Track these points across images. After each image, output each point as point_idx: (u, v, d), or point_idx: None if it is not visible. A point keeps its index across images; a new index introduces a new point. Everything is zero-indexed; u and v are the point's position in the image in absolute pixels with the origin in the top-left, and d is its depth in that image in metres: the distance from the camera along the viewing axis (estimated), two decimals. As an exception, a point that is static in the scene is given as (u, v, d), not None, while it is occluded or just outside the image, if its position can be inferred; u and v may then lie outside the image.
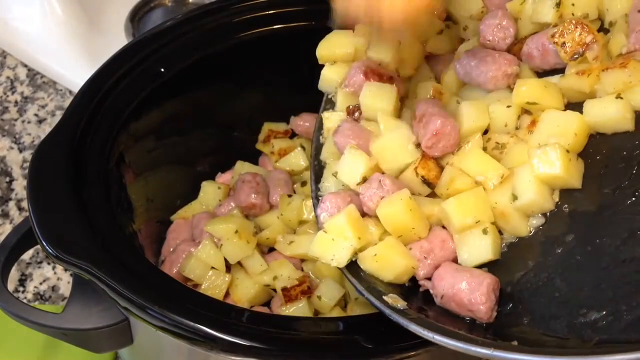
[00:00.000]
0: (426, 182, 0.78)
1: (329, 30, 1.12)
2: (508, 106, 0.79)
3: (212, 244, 1.00)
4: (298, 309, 0.95)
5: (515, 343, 0.64)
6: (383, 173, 0.79)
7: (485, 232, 0.73)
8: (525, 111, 0.79)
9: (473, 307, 0.70)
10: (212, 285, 0.98)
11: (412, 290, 0.76)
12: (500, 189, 0.75)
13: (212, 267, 0.99)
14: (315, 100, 1.14)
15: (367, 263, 0.76)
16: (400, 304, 0.72)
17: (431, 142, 0.78)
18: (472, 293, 0.70)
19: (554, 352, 0.61)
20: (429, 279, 0.76)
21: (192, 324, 0.75)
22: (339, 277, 0.95)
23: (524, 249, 0.74)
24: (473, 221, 0.74)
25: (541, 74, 0.82)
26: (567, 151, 0.72)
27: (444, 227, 0.77)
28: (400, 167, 0.79)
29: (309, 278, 0.98)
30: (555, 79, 0.79)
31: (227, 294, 0.99)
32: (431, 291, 0.74)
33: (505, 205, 0.74)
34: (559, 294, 0.69)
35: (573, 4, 0.80)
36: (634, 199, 0.69)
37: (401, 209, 0.74)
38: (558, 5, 0.80)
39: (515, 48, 0.84)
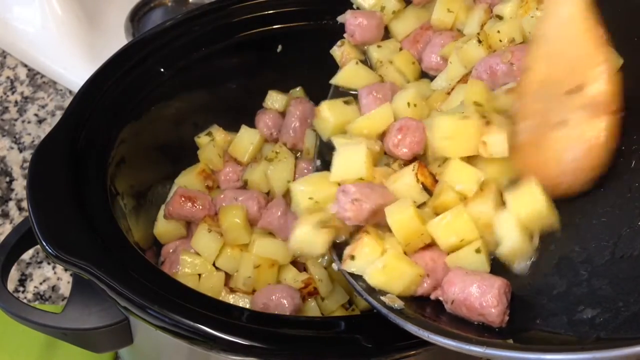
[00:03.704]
0: (425, 188, 0.78)
1: (327, 30, 1.13)
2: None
3: (190, 257, 0.99)
4: (309, 309, 0.95)
5: (510, 341, 0.64)
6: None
7: (478, 251, 0.73)
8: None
9: (484, 310, 0.69)
10: (212, 286, 0.98)
11: (422, 300, 0.76)
12: (482, 198, 0.74)
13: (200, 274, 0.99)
14: (315, 98, 1.15)
15: (376, 277, 0.74)
16: (397, 303, 0.72)
17: (397, 139, 0.79)
18: (484, 296, 0.69)
19: (546, 349, 0.61)
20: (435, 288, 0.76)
21: (192, 323, 0.75)
22: (345, 282, 0.95)
23: None
24: (457, 239, 0.74)
25: None
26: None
27: None
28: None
29: (313, 279, 0.98)
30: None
31: (228, 295, 0.99)
32: (441, 298, 0.74)
33: (489, 215, 0.74)
34: (557, 291, 0.69)
35: (499, 31, 0.87)
36: (629, 195, 0.69)
37: (412, 213, 0.74)
38: (480, 42, 0.87)
39: (463, 78, 0.88)
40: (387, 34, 1.00)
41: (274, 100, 1.16)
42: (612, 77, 0.70)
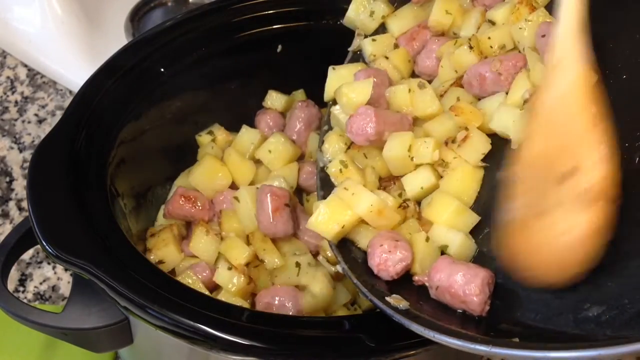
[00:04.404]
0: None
1: (327, 30, 1.13)
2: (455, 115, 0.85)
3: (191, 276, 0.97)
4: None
5: (516, 340, 0.64)
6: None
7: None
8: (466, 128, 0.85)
9: (467, 298, 0.71)
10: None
11: (406, 285, 0.77)
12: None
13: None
14: (315, 98, 1.15)
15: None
16: (402, 304, 0.73)
17: (349, 126, 0.85)
18: (467, 285, 0.71)
19: (552, 347, 0.61)
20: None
21: (192, 323, 0.75)
22: (348, 282, 0.95)
23: None
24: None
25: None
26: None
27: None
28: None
29: None
30: (495, 100, 0.85)
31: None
32: (427, 284, 0.76)
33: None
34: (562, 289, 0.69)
35: (489, 38, 0.88)
36: (633, 191, 0.69)
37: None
38: (471, 48, 0.88)
39: (457, 81, 0.90)
40: (383, 29, 1.00)
41: (274, 100, 1.16)
42: (609, 161, 0.65)
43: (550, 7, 0.87)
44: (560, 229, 0.66)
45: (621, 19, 0.79)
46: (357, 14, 1.00)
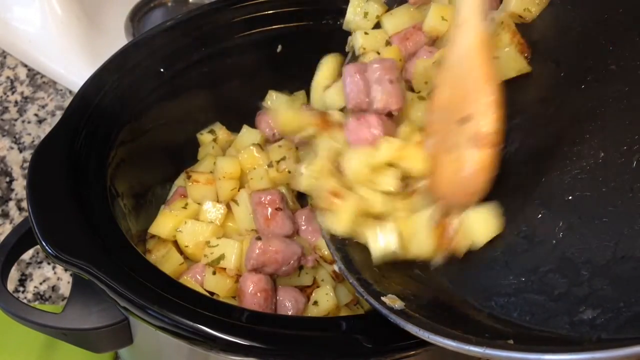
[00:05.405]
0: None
1: (327, 30, 1.13)
2: None
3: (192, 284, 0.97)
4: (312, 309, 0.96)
5: (511, 341, 0.64)
6: None
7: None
8: None
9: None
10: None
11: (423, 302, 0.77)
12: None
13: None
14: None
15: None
16: (398, 304, 0.73)
17: (349, 126, 0.85)
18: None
19: (546, 350, 0.61)
20: None
21: (192, 324, 0.75)
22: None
23: (524, 247, 0.75)
24: None
25: None
26: None
27: None
28: None
29: (317, 281, 0.98)
30: None
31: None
32: None
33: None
34: (558, 291, 0.69)
35: None
36: (630, 195, 0.69)
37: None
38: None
39: None
40: (377, 25, 1.00)
41: (274, 100, 1.16)
42: (497, 113, 0.75)
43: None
44: (460, 163, 0.77)
45: (622, 23, 0.79)
46: (353, 16, 1.00)
